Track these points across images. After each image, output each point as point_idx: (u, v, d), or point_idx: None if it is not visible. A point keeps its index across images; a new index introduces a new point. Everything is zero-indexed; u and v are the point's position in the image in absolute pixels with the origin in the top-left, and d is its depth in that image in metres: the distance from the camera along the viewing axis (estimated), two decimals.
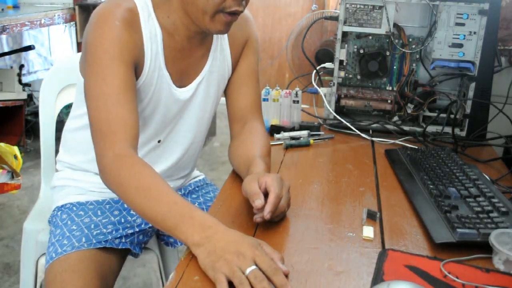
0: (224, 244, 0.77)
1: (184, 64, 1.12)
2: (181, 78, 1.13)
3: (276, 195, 0.88)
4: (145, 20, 1.04)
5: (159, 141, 1.17)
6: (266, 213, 0.87)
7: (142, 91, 1.07)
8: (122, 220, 1.16)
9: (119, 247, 1.11)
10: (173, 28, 1.07)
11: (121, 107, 0.97)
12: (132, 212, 1.19)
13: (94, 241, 1.08)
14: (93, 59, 0.99)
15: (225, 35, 1.18)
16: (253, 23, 1.23)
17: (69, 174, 1.24)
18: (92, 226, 1.12)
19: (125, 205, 1.19)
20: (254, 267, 0.74)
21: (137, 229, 1.17)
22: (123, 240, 1.13)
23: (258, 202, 0.88)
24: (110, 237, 1.11)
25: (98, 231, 1.11)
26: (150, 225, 1.19)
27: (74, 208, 1.17)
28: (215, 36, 1.16)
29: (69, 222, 1.13)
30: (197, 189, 1.34)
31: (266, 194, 0.91)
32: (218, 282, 0.73)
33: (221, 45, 1.17)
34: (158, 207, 0.86)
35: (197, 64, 1.15)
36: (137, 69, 1.04)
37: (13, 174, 2.31)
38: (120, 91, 0.97)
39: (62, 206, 1.19)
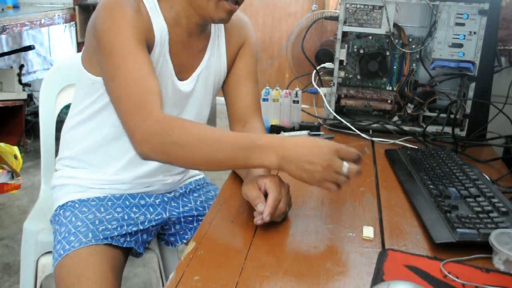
0: (308, 158, 0.86)
1: (184, 56, 1.14)
2: (181, 70, 1.15)
3: (274, 198, 0.90)
4: (152, 11, 1.07)
5: None
6: (265, 216, 0.88)
7: None
8: (126, 217, 1.17)
9: (124, 246, 1.12)
10: (176, 19, 1.09)
11: (148, 80, 0.98)
12: (134, 209, 1.20)
13: (101, 237, 1.08)
14: (110, 42, 1.00)
15: (223, 33, 1.20)
16: (251, 27, 1.26)
17: (68, 172, 1.24)
18: (97, 222, 1.12)
19: (127, 202, 1.20)
20: (346, 163, 0.87)
21: (140, 227, 1.17)
22: (128, 239, 1.14)
23: (260, 206, 0.90)
24: (115, 233, 1.11)
25: (104, 227, 1.11)
26: (153, 224, 1.20)
27: (77, 205, 1.17)
28: (212, 31, 1.18)
29: (73, 219, 1.13)
30: (198, 187, 1.35)
31: (266, 195, 0.91)
32: (328, 188, 0.88)
33: (218, 42, 1.19)
34: (221, 152, 0.90)
35: (196, 57, 1.16)
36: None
37: (13, 174, 2.31)
38: (143, 66, 0.99)
39: (64, 204, 1.19)
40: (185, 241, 1.29)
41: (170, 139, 0.91)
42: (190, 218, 1.27)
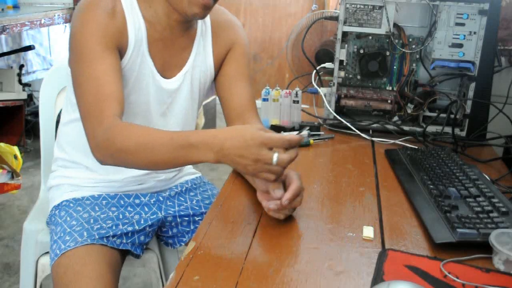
0: (237, 152, 0.85)
1: (166, 54, 1.14)
2: (165, 68, 1.15)
3: (297, 186, 0.91)
4: (129, 11, 1.07)
5: None
6: (285, 200, 0.89)
7: (123, 75, 1.09)
8: (121, 216, 1.16)
9: (120, 248, 1.12)
10: (155, 17, 1.10)
11: (105, 88, 0.99)
12: (129, 208, 1.20)
13: (97, 237, 1.08)
14: (79, 45, 1.02)
15: (209, 33, 1.20)
16: (241, 28, 1.26)
17: (63, 172, 1.25)
18: (92, 221, 1.12)
19: (121, 202, 1.20)
20: (276, 153, 0.85)
21: (136, 227, 1.16)
22: (124, 241, 1.13)
23: (278, 192, 0.91)
24: (111, 233, 1.11)
25: (99, 226, 1.11)
26: (149, 223, 1.19)
27: (71, 205, 1.17)
28: (199, 30, 1.19)
29: (68, 219, 1.13)
30: (194, 186, 1.34)
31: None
32: (266, 179, 0.88)
33: (204, 41, 1.20)
34: (161, 154, 0.91)
35: (180, 55, 1.17)
36: (120, 54, 1.07)
37: (13, 174, 2.31)
38: (107, 72, 1.00)
39: (59, 204, 1.20)
40: (183, 243, 1.29)
41: (115, 147, 0.94)
42: (187, 219, 1.27)
